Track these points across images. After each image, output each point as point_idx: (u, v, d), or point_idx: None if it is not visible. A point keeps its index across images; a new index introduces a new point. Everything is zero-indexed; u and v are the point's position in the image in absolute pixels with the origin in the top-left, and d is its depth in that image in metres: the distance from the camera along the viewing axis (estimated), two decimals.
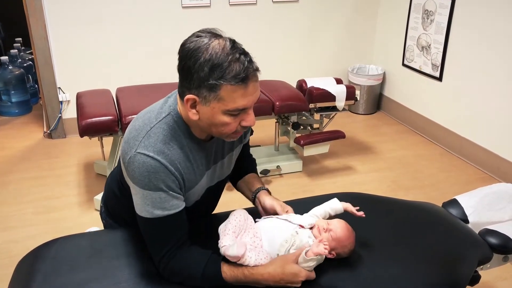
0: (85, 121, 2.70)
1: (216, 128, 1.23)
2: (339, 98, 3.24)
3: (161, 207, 1.23)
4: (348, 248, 1.34)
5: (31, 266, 1.35)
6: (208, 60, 1.13)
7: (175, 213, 1.25)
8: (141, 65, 3.87)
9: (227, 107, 1.17)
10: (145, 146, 1.22)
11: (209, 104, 1.17)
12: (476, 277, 1.55)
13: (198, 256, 1.28)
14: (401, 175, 3.37)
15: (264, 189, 1.51)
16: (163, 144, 1.23)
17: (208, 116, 1.20)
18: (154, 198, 1.22)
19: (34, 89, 4.69)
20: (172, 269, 1.27)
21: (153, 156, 1.20)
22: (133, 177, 1.23)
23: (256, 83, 1.20)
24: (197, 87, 1.16)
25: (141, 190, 1.22)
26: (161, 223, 1.24)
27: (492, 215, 1.65)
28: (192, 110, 1.21)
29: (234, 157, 1.50)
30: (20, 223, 2.76)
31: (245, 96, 1.17)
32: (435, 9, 3.70)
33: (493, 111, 3.31)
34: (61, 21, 3.62)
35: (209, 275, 1.25)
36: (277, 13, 4.15)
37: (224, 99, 1.16)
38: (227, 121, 1.20)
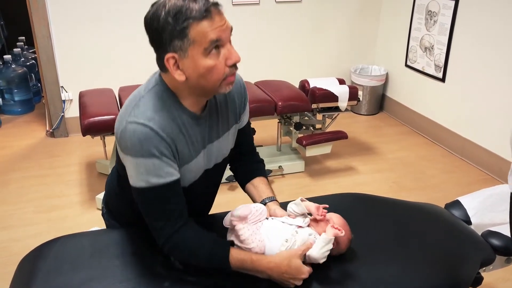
0: (88, 120, 2.70)
1: (206, 78, 1.21)
2: (341, 98, 3.24)
3: (156, 174, 1.22)
4: (346, 237, 1.34)
5: (32, 265, 1.35)
6: (168, 12, 1.16)
7: (171, 181, 1.24)
8: (143, 64, 3.86)
9: (203, 46, 1.17)
10: (135, 115, 1.22)
11: (187, 54, 1.18)
12: (479, 279, 1.55)
13: (206, 235, 1.28)
14: (403, 176, 3.37)
15: (274, 200, 1.50)
16: (153, 112, 1.23)
17: (192, 68, 1.20)
18: (148, 165, 1.21)
19: (36, 88, 4.70)
20: (176, 244, 1.26)
21: (143, 122, 1.20)
22: (125, 147, 1.22)
23: (221, 15, 1.20)
24: (170, 42, 1.18)
25: (135, 159, 1.21)
26: (158, 192, 1.23)
27: (494, 216, 1.64)
28: (178, 71, 1.21)
29: (231, 138, 1.47)
30: (21, 222, 2.76)
31: (213, 27, 1.17)
32: (439, 10, 3.69)
33: (496, 112, 3.30)
34: (64, 20, 3.63)
35: (217, 254, 1.25)
36: (280, 13, 4.14)
37: (196, 40, 1.16)
38: (211, 64, 1.19)
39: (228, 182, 3.05)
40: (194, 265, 1.29)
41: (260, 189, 1.52)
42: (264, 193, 1.50)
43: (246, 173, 1.58)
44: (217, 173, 1.50)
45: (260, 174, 1.57)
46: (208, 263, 1.26)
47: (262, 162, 1.63)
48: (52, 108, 3.84)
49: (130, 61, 3.85)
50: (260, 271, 1.26)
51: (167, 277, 1.30)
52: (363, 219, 1.57)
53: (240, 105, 1.47)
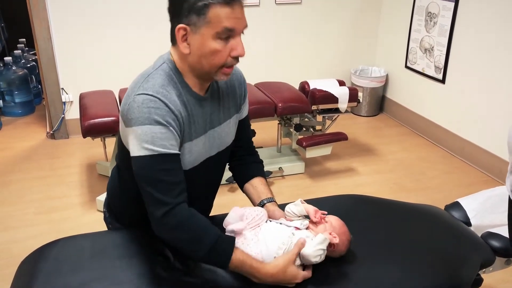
0: (88, 121, 2.71)
1: (207, 59, 1.24)
2: (341, 100, 3.24)
3: (161, 144, 1.20)
4: (345, 237, 1.34)
5: (33, 266, 1.35)
6: None
7: (175, 153, 1.23)
8: (144, 66, 3.84)
9: (216, 29, 1.20)
10: (144, 88, 1.23)
11: (199, 31, 1.20)
12: (479, 280, 1.55)
13: (211, 226, 1.25)
14: (403, 177, 3.37)
15: (273, 201, 1.50)
16: (161, 87, 1.24)
17: (198, 45, 1.22)
18: (155, 132, 1.19)
19: (37, 90, 4.70)
20: (181, 221, 1.21)
21: (152, 93, 1.22)
22: (132, 119, 1.21)
23: (242, 9, 1.23)
24: (186, 15, 1.20)
25: (141, 127, 1.19)
26: (162, 161, 1.20)
27: (494, 218, 1.64)
28: (184, 43, 1.24)
29: (233, 127, 1.48)
30: (22, 223, 2.77)
31: (231, 17, 1.20)
32: (438, 12, 3.69)
33: (496, 113, 3.30)
34: (65, 22, 3.64)
35: (222, 246, 1.22)
36: (280, 15, 4.15)
37: (212, 21, 1.19)
38: (217, 47, 1.22)
39: (228, 183, 3.05)
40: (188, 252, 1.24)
41: (259, 190, 1.52)
42: (263, 194, 1.50)
43: (245, 173, 1.58)
44: (220, 162, 1.50)
45: (259, 174, 1.57)
46: (209, 253, 1.21)
47: (262, 163, 1.63)
48: (52, 109, 3.84)
49: (130, 62, 3.85)
50: (255, 277, 1.25)
51: (167, 278, 1.30)
52: (363, 221, 1.57)
53: (240, 95, 1.49)
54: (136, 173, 1.23)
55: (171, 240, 1.25)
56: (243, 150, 1.60)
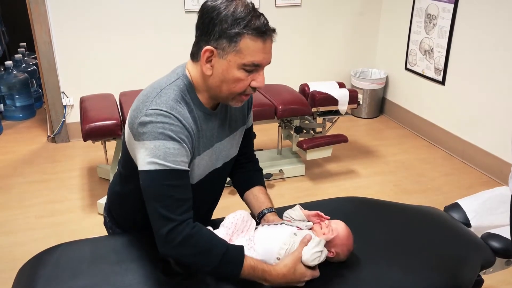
0: (89, 125, 2.71)
1: (228, 85, 1.24)
2: (341, 102, 3.24)
3: (173, 160, 1.19)
4: (347, 248, 1.34)
5: (32, 272, 1.35)
6: (232, 12, 1.18)
7: (185, 170, 1.22)
8: (144, 69, 3.88)
9: (244, 60, 1.20)
10: (157, 103, 1.22)
11: (226, 57, 1.20)
12: (479, 282, 1.55)
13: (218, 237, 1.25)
14: (403, 178, 3.37)
15: (273, 211, 1.50)
16: (174, 103, 1.24)
17: (222, 70, 1.22)
18: (168, 147, 1.18)
19: (38, 94, 4.71)
20: (188, 236, 1.18)
21: (166, 110, 1.21)
22: (144, 133, 1.19)
23: (271, 44, 1.26)
24: (217, 39, 1.19)
25: (153, 142, 1.18)
26: (171, 177, 1.19)
27: (494, 219, 1.65)
28: (207, 65, 1.23)
29: (238, 138, 1.49)
30: (23, 226, 2.77)
31: (262, 51, 1.22)
32: (438, 13, 3.70)
33: (495, 114, 3.30)
34: (65, 26, 3.65)
35: (232, 256, 1.21)
36: (279, 17, 4.16)
37: (242, 52, 1.19)
38: (240, 77, 1.23)
39: (230, 186, 3.04)
40: (199, 266, 1.22)
41: (260, 200, 1.52)
42: (263, 204, 1.51)
43: (246, 181, 1.59)
44: (224, 173, 1.51)
45: (259, 183, 1.58)
46: (220, 263, 1.19)
47: (261, 171, 1.65)
48: (53, 113, 3.85)
49: (131, 66, 3.86)
50: (267, 281, 1.25)
51: (168, 283, 1.30)
52: (363, 223, 1.57)
53: (248, 106, 1.51)
54: (144, 188, 1.22)
55: (179, 257, 1.23)
56: (245, 158, 1.61)
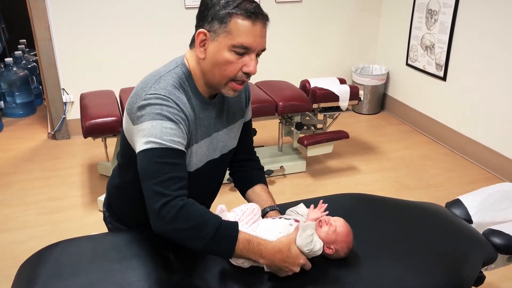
0: (89, 122, 2.71)
1: (219, 69, 1.26)
2: (342, 98, 3.24)
3: (170, 139, 1.20)
4: (346, 245, 1.33)
5: (33, 269, 1.35)
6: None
7: (182, 150, 1.23)
8: (144, 65, 3.85)
9: (233, 42, 1.22)
10: (156, 89, 1.25)
11: (217, 39, 1.24)
12: (481, 278, 1.54)
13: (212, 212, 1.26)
14: (405, 175, 3.36)
15: (276, 209, 1.50)
16: (173, 88, 1.27)
17: (213, 53, 1.25)
18: (165, 127, 1.20)
19: (38, 91, 4.71)
20: (182, 211, 1.16)
21: (164, 94, 1.24)
22: (143, 115, 1.22)
23: (264, 29, 1.26)
24: (209, 22, 1.24)
25: (151, 122, 1.20)
26: (167, 156, 1.19)
27: (496, 215, 1.64)
28: (201, 48, 1.27)
29: (236, 131, 1.50)
30: (24, 224, 2.77)
31: (251, 34, 1.23)
32: (439, 9, 3.69)
33: (497, 110, 3.29)
34: (65, 23, 3.64)
35: (226, 229, 1.20)
36: (280, 13, 4.14)
37: (232, 33, 1.22)
38: (230, 59, 1.24)
39: (230, 182, 3.04)
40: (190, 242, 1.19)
41: (262, 198, 1.52)
42: (266, 202, 1.51)
43: (247, 179, 1.59)
44: (222, 165, 1.52)
45: (261, 181, 1.58)
46: (213, 238, 1.17)
47: (262, 169, 1.65)
48: (53, 110, 3.85)
49: (131, 62, 3.85)
50: (263, 256, 1.23)
51: (168, 280, 1.30)
52: (365, 219, 1.57)
53: (245, 99, 1.52)
54: (139, 167, 1.22)
55: (171, 233, 1.19)
56: (244, 155, 1.61)
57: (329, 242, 1.31)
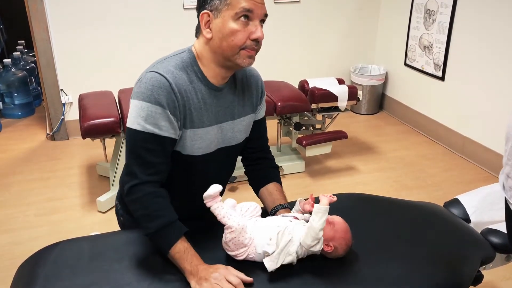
0: (87, 122, 2.71)
1: (227, 41, 1.29)
2: (341, 98, 3.24)
3: (154, 123, 1.28)
4: (345, 242, 1.34)
5: (31, 270, 1.34)
6: None
7: (164, 136, 1.30)
8: (143, 66, 3.83)
9: (235, 10, 1.27)
10: (157, 68, 1.32)
11: (220, 15, 1.28)
12: (479, 277, 1.55)
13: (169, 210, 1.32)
14: (403, 175, 3.37)
15: (287, 207, 1.50)
16: (173, 68, 1.33)
17: (219, 28, 1.29)
18: (150, 111, 1.27)
19: (36, 91, 4.71)
20: (143, 198, 1.31)
21: (162, 73, 1.30)
22: (137, 91, 1.30)
23: None
24: (209, 2, 1.30)
25: (140, 102, 1.29)
26: (148, 140, 1.29)
27: (494, 214, 1.64)
28: (207, 29, 1.32)
29: (246, 126, 1.51)
30: (23, 224, 2.77)
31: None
32: (437, 9, 3.69)
33: (495, 110, 3.30)
34: (63, 23, 3.64)
35: (170, 231, 1.29)
36: (278, 14, 4.15)
37: (232, 3, 1.27)
38: (237, 28, 1.28)
39: (229, 182, 3.05)
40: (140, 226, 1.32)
41: (275, 197, 1.53)
42: (277, 201, 1.52)
43: (261, 178, 1.59)
44: (229, 158, 1.53)
45: (275, 180, 1.59)
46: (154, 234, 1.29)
47: (277, 168, 1.66)
48: (52, 111, 3.84)
49: (130, 63, 3.85)
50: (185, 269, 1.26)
51: (168, 281, 1.30)
52: (363, 219, 1.57)
53: (257, 96, 1.53)
54: (126, 141, 1.35)
55: (131, 211, 1.35)
56: (259, 153, 1.62)
57: (328, 239, 1.31)
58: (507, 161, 1.24)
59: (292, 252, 1.28)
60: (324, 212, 1.29)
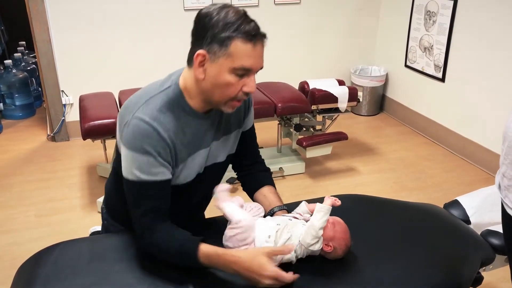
0: (88, 123, 2.71)
1: (219, 90, 1.26)
2: (341, 99, 3.24)
3: (148, 172, 1.27)
4: (344, 242, 1.34)
5: (32, 271, 1.35)
6: (223, 17, 1.21)
7: (161, 180, 1.29)
8: (143, 67, 3.88)
9: (234, 64, 1.22)
10: (143, 111, 1.28)
11: (217, 61, 1.23)
12: (479, 279, 1.55)
13: (179, 233, 1.31)
14: (404, 176, 3.37)
15: (284, 209, 1.51)
16: (159, 112, 1.28)
17: (214, 74, 1.24)
18: (142, 161, 1.26)
19: (37, 92, 4.71)
20: (150, 239, 1.31)
21: (148, 121, 1.26)
22: (126, 139, 1.28)
23: (263, 48, 1.27)
24: (209, 43, 1.22)
25: (131, 152, 1.27)
26: (146, 188, 1.29)
27: (494, 215, 1.64)
28: (200, 69, 1.26)
29: (231, 142, 1.50)
30: (23, 225, 2.77)
31: (252, 55, 1.23)
32: (437, 10, 3.69)
33: (496, 111, 3.30)
34: (64, 24, 3.64)
35: (185, 251, 1.28)
36: (279, 15, 4.15)
37: (232, 55, 1.21)
38: (231, 81, 1.24)
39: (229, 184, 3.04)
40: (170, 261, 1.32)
41: (270, 199, 1.54)
42: (273, 203, 1.52)
43: (254, 183, 1.60)
44: (215, 175, 1.52)
45: (268, 183, 1.60)
46: (180, 259, 1.29)
47: (269, 170, 1.67)
48: (52, 112, 3.85)
49: (130, 64, 3.85)
50: (226, 266, 1.26)
51: (168, 281, 1.30)
52: (363, 220, 1.58)
53: (244, 110, 1.51)
54: (125, 191, 1.34)
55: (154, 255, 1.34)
56: (250, 160, 1.63)
57: (328, 239, 1.32)
58: (503, 160, 1.24)
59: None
60: (327, 211, 1.31)
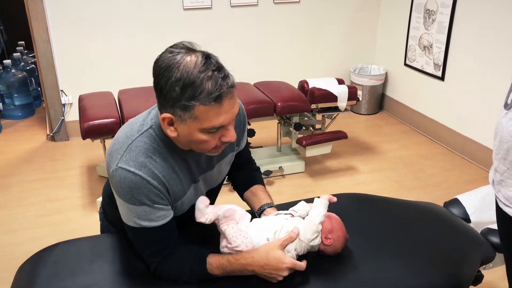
0: (87, 123, 2.71)
1: (196, 145, 1.21)
2: (341, 98, 3.24)
3: (148, 219, 1.23)
4: (342, 234, 1.35)
5: (31, 271, 1.35)
6: (179, 79, 1.10)
7: (162, 224, 1.25)
8: (143, 67, 3.86)
9: (203, 126, 1.15)
10: (126, 160, 1.20)
11: (185, 123, 1.15)
12: (479, 277, 1.55)
13: (185, 256, 1.29)
14: (403, 175, 3.37)
15: (273, 206, 1.50)
16: (145, 158, 1.21)
17: (186, 133, 1.18)
18: (139, 211, 1.22)
19: (37, 92, 4.71)
20: (162, 272, 1.29)
21: (133, 171, 1.19)
22: (116, 190, 1.23)
23: (232, 100, 1.15)
24: (171, 106, 1.14)
25: (126, 204, 1.22)
26: (149, 233, 1.25)
27: (493, 214, 1.64)
28: (170, 128, 1.18)
29: (225, 165, 1.48)
30: (23, 225, 2.77)
31: (220, 114, 1.14)
32: (437, 9, 3.69)
33: (495, 109, 3.30)
34: (63, 24, 3.64)
35: (197, 272, 1.27)
36: (278, 14, 4.15)
37: (199, 118, 1.13)
38: (205, 139, 1.18)
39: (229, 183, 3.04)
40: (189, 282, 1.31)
41: (260, 197, 1.53)
42: (263, 200, 1.51)
43: (244, 182, 1.60)
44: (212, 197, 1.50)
45: (257, 182, 1.59)
46: (194, 279, 1.28)
47: (259, 169, 1.65)
48: (52, 112, 3.85)
49: (129, 64, 3.85)
50: (241, 270, 1.26)
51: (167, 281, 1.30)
52: (363, 219, 1.58)
53: (239, 133, 1.44)
54: (129, 235, 1.31)
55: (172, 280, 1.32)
56: (241, 165, 1.61)
57: (326, 231, 1.32)
58: (495, 155, 1.24)
59: (291, 249, 1.29)
60: (325, 206, 1.31)
